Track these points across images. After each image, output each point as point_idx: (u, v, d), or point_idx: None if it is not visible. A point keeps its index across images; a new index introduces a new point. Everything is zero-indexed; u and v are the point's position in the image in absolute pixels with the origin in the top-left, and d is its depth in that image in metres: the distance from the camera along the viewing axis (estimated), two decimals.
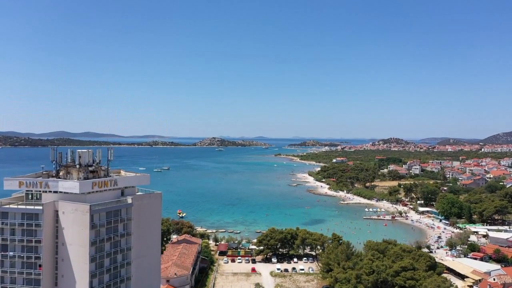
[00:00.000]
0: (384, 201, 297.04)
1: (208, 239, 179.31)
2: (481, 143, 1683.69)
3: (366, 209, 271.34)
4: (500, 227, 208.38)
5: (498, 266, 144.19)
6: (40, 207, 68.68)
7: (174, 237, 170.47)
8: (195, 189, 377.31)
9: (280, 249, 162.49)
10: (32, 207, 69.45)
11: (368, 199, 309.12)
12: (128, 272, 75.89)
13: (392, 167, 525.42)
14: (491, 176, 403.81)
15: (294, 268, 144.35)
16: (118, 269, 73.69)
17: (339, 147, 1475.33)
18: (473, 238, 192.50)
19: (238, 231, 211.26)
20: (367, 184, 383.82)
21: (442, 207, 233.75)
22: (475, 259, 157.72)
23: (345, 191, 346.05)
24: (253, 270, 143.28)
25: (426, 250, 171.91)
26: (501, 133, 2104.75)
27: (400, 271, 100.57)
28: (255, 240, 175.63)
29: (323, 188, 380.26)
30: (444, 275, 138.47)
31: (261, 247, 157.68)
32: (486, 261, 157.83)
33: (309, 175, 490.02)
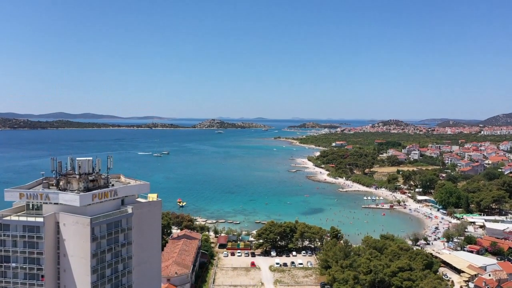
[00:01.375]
0: (383, 189, 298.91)
1: (208, 231, 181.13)
2: (481, 125, 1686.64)
3: (365, 198, 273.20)
4: (497, 218, 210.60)
5: (494, 261, 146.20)
6: (41, 220, 69.12)
7: (174, 230, 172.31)
8: (194, 176, 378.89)
9: (279, 242, 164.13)
10: (33, 219, 69.89)
11: (367, 186, 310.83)
12: (129, 280, 76.98)
13: (391, 151, 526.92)
14: (490, 162, 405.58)
15: (293, 262, 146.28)
16: (119, 278, 74.69)
17: (338, 129, 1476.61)
18: (470, 229, 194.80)
19: (238, 222, 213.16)
20: (366, 170, 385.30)
21: (440, 196, 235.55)
22: (472, 252, 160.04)
23: (344, 178, 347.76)
24: (253, 264, 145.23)
25: (423, 242, 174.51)
26: (501, 115, 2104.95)
27: (397, 272, 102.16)
28: (254, 232, 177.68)
29: (322, 174, 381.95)
30: (441, 269, 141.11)
31: (261, 241, 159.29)
32: (482, 254, 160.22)
33: (309, 160, 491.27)
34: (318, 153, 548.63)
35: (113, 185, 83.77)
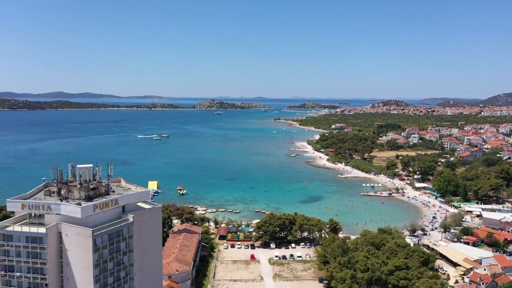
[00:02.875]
0: (382, 175, 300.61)
1: (208, 222, 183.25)
2: (481, 105, 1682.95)
3: (364, 185, 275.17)
4: (494, 206, 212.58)
5: (490, 253, 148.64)
6: (44, 231, 70.20)
7: (175, 221, 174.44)
8: (194, 161, 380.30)
9: (278, 233, 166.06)
10: (36, 230, 70.93)
11: (366, 172, 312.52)
12: (132, 286, 78.51)
13: (390, 135, 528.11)
14: (489, 147, 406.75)
15: (292, 255, 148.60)
16: (121, 285, 76.17)
17: (338, 110, 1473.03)
18: (467, 218, 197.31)
19: (238, 211, 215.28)
20: (366, 155, 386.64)
21: (439, 184, 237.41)
22: (468, 243, 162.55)
23: (343, 163, 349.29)
24: (252, 257, 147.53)
25: (420, 232, 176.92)
26: (502, 94, 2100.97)
27: (394, 270, 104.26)
28: (254, 223, 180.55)
29: (322, 159, 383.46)
30: (438, 261, 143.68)
31: (261, 232, 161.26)
32: (478, 245, 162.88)
33: (308, 144, 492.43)
34: (317, 136, 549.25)
35: (113, 191, 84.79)
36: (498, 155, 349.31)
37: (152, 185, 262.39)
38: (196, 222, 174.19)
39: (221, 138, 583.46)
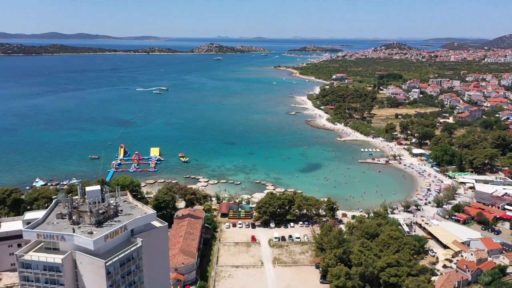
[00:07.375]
0: (380, 138, 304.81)
1: (211, 199, 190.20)
2: (486, 48, 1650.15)
3: (362, 150, 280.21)
4: (488, 178, 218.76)
5: (478, 234, 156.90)
6: (60, 261, 75.75)
7: (179, 199, 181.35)
8: (195, 120, 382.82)
9: (278, 211, 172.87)
10: (52, 260, 76.53)
11: (365, 135, 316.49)
12: None
13: (391, 88, 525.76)
14: (488, 105, 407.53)
15: (290, 236, 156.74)
16: None
17: (339, 54, 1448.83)
18: (460, 191, 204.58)
19: (238, 182, 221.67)
20: (365, 113, 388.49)
21: (435, 154, 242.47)
22: (459, 221, 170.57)
23: (343, 124, 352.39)
24: (253, 238, 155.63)
25: (414, 207, 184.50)
26: (508, 35, 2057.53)
27: (385, 267, 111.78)
28: (254, 198, 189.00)
29: (322, 118, 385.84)
30: (429, 242, 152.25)
31: (261, 213, 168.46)
32: (468, 223, 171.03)
33: (308, 99, 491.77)
34: (318, 89, 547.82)
35: (122, 210, 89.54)
36: (497, 115, 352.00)
37: (154, 152, 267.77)
38: (199, 200, 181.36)
39: (221, 92, 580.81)
